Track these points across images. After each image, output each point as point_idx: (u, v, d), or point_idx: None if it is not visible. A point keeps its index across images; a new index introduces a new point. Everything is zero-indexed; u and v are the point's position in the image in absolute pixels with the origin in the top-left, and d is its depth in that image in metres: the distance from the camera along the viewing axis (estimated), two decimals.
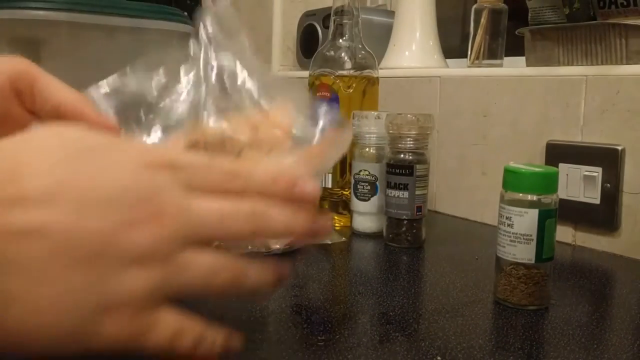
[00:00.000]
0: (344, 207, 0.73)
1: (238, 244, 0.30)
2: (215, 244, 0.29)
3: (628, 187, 0.62)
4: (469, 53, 0.84)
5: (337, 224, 0.73)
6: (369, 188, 0.68)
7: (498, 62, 0.83)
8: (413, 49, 0.93)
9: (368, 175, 0.68)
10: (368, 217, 0.69)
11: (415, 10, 0.93)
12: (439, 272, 0.56)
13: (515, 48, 0.80)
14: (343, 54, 0.73)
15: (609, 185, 0.63)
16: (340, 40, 0.73)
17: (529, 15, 0.72)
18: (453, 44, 1.06)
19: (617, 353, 0.39)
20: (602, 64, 0.66)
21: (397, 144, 0.64)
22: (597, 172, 0.64)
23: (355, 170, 0.69)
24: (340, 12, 0.73)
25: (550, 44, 0.70)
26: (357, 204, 0.69)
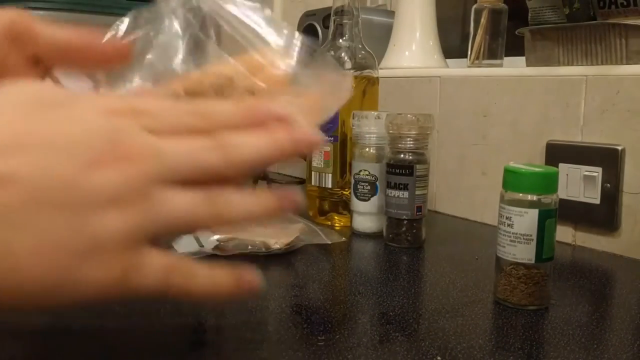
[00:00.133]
0: (344, 207, 0.73)
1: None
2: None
3: (628, 187, 0.62)
4: (469, 53, 0.84)
5: (337, 224, 0.73)
6: (369, 188, 0.68)
7: (498, 62, 0.83)
8: (413, 49, 0.93)
9: (368, 175, 0.68)
10: (368, 217, 0.69)
11: (415, 10, 0.93)
12: (439, 272, 0.56)
13: (515, 48, 0.80)
14: (343, 54, 0.73)
15: (609, 185, 0.63)
16: (340, 40, 0.73)
17: (529, 15, 0.72)
18: (453, 44, 1.06)
19: (617, 353, 0.39)
20: (602, 64, 0.66)
21: (397, 144, 0.64)
22: (597, 172, 0.64)
23: (355, 170, 0.69)
24: (340, 12, 0.73)
25: (550, 44, 0.70)
26: (357, 204, 0.69)
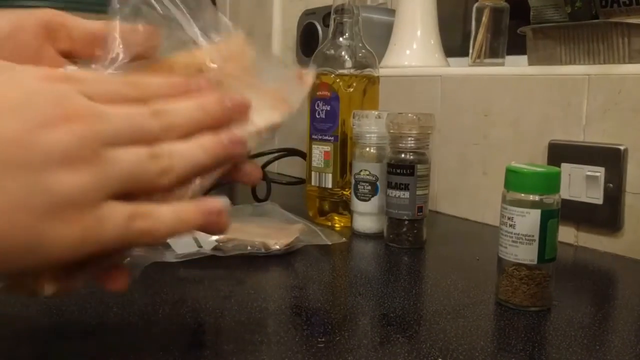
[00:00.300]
0: (344, 207, 0.73)
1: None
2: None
3: (631, 187, 0.62)
4: (471, 52, 0.84)
5: (337, 225, 0.73)
6: (370, 188, 0.68)
7: (500, 61, 0.82)
8: (414, 48, 0.93)
9: (368, 175, 0.68)
10: (368, 217, 0.69)
11: (416, 9, 0.93)
12: (440, 273, 0.56)
13: (517, 47, 0.79)
14: (343, 53, 0.72)
15: (612, 185, 0.63)
16: (341, 39, 0.73)
17: (531, 14, 0.72)
18: (454, 43, 1.05)
19: (619, 354, 0.39)
20: (604, 63, 0.65)
21: (397, 144, 0.64)
22: (599, 172, 0.63)
23: (356, 170, 0.69)
24: (341, 10, 0.72)
25: (552, 43, 0.70)
26: (357, 204, 0.69)
